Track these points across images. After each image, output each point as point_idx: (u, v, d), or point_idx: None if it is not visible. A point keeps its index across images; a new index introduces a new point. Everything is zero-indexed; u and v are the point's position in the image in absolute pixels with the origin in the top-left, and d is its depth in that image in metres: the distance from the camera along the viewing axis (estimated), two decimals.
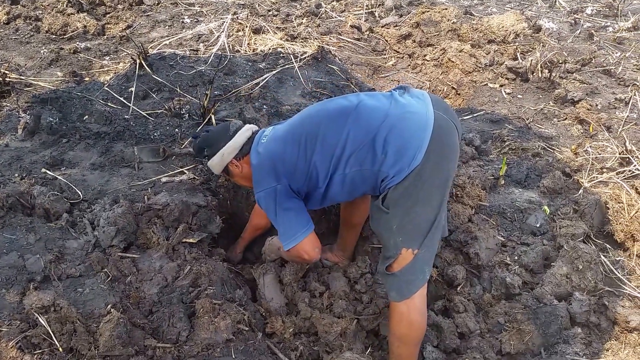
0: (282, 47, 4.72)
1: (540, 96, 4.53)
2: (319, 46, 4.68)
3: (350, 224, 2.92)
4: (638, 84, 4.63)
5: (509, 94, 4.58)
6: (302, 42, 4.92)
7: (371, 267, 2.91)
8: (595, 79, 4.77)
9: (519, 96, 4.56)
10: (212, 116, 3.41)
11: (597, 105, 4.27)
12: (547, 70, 4.67)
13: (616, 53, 5.34)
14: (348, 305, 2.67)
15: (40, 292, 2.22)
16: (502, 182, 3.31)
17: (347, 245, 2.99)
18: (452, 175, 2.19)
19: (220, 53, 4.60)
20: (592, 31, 5.71)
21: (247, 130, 2.49)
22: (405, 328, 2.26)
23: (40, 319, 2.06)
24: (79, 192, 2.84)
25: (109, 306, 2.23)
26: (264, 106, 3.88)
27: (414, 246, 2.14)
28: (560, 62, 4.82)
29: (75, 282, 2.36)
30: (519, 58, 5.00)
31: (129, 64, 4.33)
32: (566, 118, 4.17)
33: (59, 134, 3.34)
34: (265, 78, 4.15)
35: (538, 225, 3.04)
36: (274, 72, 4.30)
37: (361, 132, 2.13)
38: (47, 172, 2.96)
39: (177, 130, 3.47)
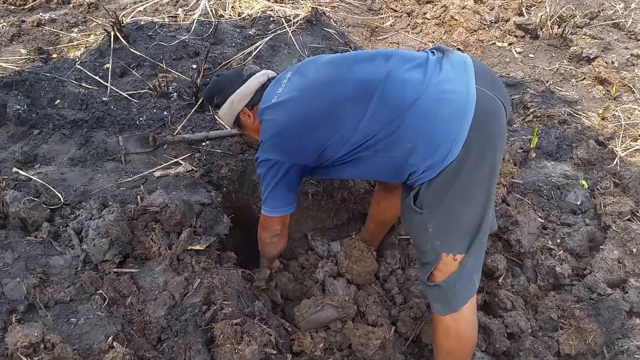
0: (272, 10, 4.25)
1: (553, 54, 4.19)
2: (312, 7, 4.22)
3: (381, 222, 2.59)
4: None
5: (519, 53, 4.23)
6: (292, 3, 4.44)
7: (401, 262, 2.60)
8: (606, 34, 4.44)
9: (531, 55, 4.21)
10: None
11: (613, 62, 3.95)
12: (557, 27, 4.32)
13: (620, 4, 5.00)
14: (382, 309, 2.35)
15: (26, 325, 1.84)
16: (534, 155, 2.99)
17: (374, 240, 2.66)
18: (499, 165, 1.86)
19: (203, 19, 4.10)
20: None
21: (262, 75, 2.15)
22: (454, 342, 1.97)
23: None
24: (59, 195, 2.43)
25: (110, 338, 1.87)
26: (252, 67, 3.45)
27: (456, 251, 1.83)
28: (570, 16, 4.47)
29: (66, 309, 1.98)
30: (524, 13, 4.63)
31: (102, 36, 3.81)
32: (584, 78, 3.85)
33: (28, 124, 2.88)
34: (257, 46, 3.70)
35: (579, 203, 2.75)
36: (266, 39, 3.85)
37: (386, 113, 1.76)
38: (20, 171, 2.53)
39: (165, 113, 3.04)
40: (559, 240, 2.61)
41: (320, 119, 1.86)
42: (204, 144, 2.85)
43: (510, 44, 4.35)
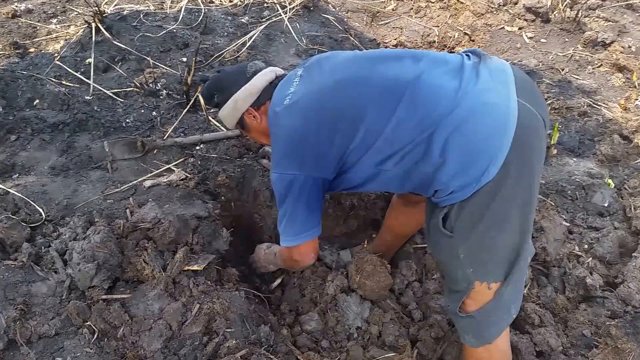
0: None
1: (566, 39, 3.96)
2: None
3: (399, 235, 2.38)
4: None
5: (531, 38, 3.99)
6: None
7: (417, 273, 2.39)
8: (620, 16, 4.20)
9: (543, 40, 3.98)
10: (200, 94, 2.73)
11: (630, 47, 3.73)
12: (570, 9, 4.08)
13: None
14: (400, 327, 2.15)
15: None
16: (555, 151, 2.78)
17: (389, 251, 2.45)
18: (538, 187, 1.64)
19: (192, 6, 3.82)
20: None
21: (270, 72, 1.92)
22: None
23: None
24: (40, 210, 2.19)
25: None
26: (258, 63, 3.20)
27: (491, 279, 1.63)
28: None
29: (50, 345, 1.76)
30: None
31: (82, 27, 3.53)
32: (601, 65, 3.63)
33: (5, 128, 2.62)
34: (252, 36, 3.44)
35: (606, 205, 2.55)
36: (261, 27, 3.58)
37: (415, 123, 1.53)
38: None
39: (154, 113, 2.79)
40: (586, 246, 2.41)
41: (340, 120, 1.63)
42: (197, 147, 2.61)
43: (520, 29, 4.11)
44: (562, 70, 3.52)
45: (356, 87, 1.63)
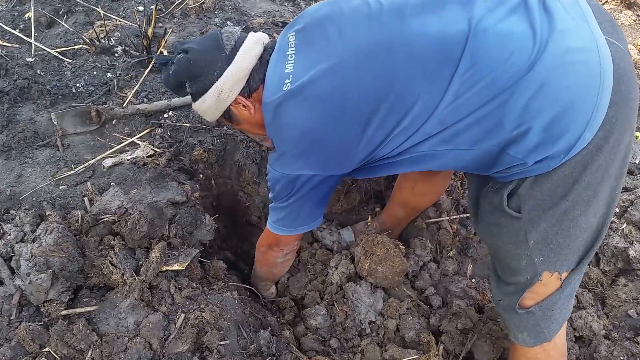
0: None
1: None
2: None
3: (413, 209, 2.04)
4: None
5: None
6: None
7: (432, 253, 2.08)
8: None
9: None
10: (164, 49, 2.29)
11: None
12: None
13: None
14: (419, 319, 1.86)
15: None
16: None
17: (397, 227, 2.12)
18: (631, 149, 1.29)
19: None
20: None
21: (255, 44, 1.42)
22: None
23: None
24: None
25: None
26: (227, 22, 2.75)
27: (563, 268, 1.33)
28: None
29: None
30: None
31: None
32: (606, 2, 3.30)
33: None
34: None
35: (637, 162, 2.26)
36: None
37: (479, 90, 1.15)
38: None
39: (109, 75, 2.34)
40: (618, 210, 2.14)
41: (371, 110, 1.22)
42: (166, 115, 2.19)
43: None
44: None
45: (387, 59, 1.19)
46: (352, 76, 1.21)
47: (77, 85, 2.28)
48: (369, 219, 2.13)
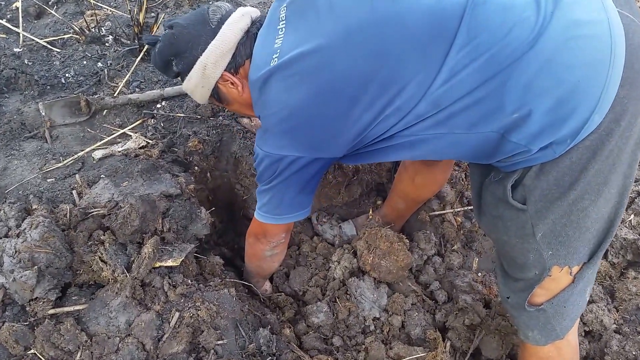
0: None
1: None
2: None
3: (414, 200, 1.96)
4: None
5: None
6: None
7: (436, 246, 2.01)
8: None
9: None
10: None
11: None
12: None
13: None
14: (425, 315, 1.78)
15: None
16: None
17: (399, 219, 2.04)
18: None
19: None
20: None
21: (242, 17, 1.37)
22: None
23: None
24: None
25: None
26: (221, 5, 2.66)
27: (575, 262, 1.25)
28: None
29: None
30: None
31: None
32: None
33: None
34: None
35: None
36: None
37: (476, 68, 1.06)
38: None
39: (100, 64, 2.25)
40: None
41: (362, 88, 1.15)
42: (159, 105, 2.10)
43: None
44: None
45: (378, 35, 1.11)
46: (341, 52, 1.14)
47: (67, 75, 2.19)
48: (370, 212, 2.06)
